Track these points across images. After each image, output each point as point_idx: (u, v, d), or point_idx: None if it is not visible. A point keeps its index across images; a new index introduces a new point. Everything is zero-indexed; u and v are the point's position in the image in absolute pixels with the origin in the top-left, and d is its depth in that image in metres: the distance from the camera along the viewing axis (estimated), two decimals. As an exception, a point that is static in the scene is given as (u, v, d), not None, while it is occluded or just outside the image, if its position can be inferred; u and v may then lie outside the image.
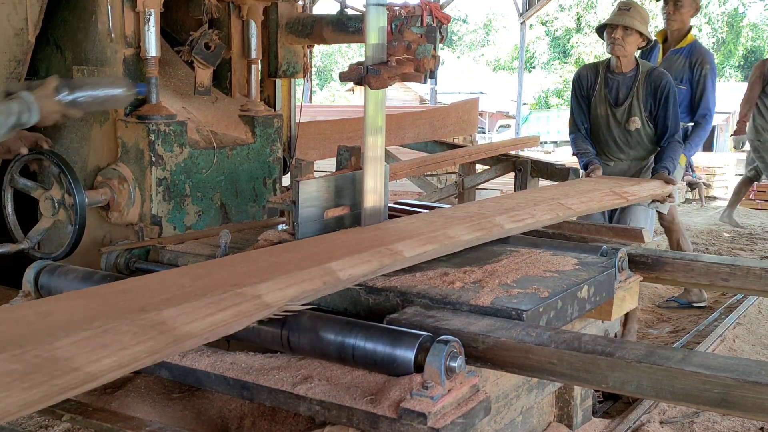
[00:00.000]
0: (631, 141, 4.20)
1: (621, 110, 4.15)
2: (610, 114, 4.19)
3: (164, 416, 2.54)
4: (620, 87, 4.14)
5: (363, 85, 2.61)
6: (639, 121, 4.12)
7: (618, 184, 3.69)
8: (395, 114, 6.87)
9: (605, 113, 4.20)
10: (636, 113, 4.11)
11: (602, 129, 4.24)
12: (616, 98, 4.16)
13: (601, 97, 4.20)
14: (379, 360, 1.85)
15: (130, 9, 2.98)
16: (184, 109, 3.30)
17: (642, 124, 4.13)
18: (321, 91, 34.81)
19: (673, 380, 1.67)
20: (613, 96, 4.17)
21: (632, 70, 4.13)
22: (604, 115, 4.21)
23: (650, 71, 4.12)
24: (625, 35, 4.02)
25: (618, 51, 4.06)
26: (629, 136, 4.18)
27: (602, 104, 4.21)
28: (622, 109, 4.14)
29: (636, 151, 4.23)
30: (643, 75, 4.10)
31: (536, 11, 16.60)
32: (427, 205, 3.75)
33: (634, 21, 4.01)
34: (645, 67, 4.16)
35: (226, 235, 2.74)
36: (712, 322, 4.58)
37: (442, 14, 2.75)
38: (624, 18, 4.02)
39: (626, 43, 4.03)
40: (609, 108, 4.18)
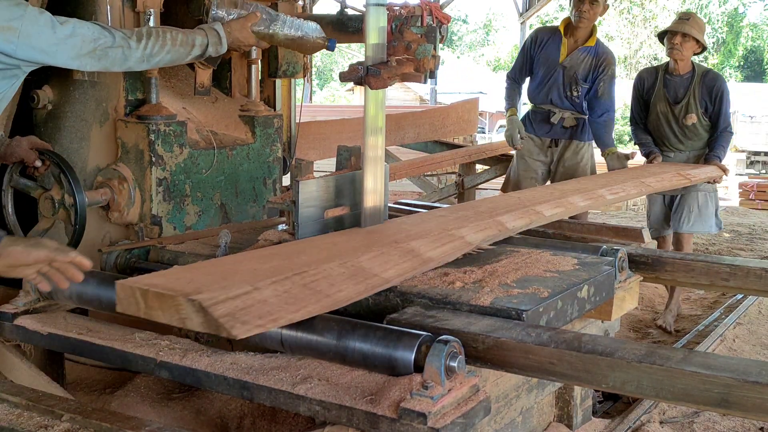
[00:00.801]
0: (688, 134, 4.70)
1: (678, 107, 4.65)
2: (669, 111, 4.69)
3: (164, 416, 2.54)
4: (678, 87, 4.66)
5: (363, 85, 2.61)
6: (695, 117, 4.63)
7: (681, 167, 4.47)
8: (395, 114, 6.87)
9: (665, 110, 4.71)
10: (692, 110, 4.63)
11: (662, 124, 4.75)
12: (674, 97, 4.67)
13: (660, 96, 4.71)
14: (379, 360, 1.85)
15: (130, 9, 2.98)
16: (184, 109, 3.30)
17: (698, 120, 4.64)
18: (321, 91, 34.80)
19: (673, 380, 1.67)
20: (671, 95, 4.68)
21: (689, 72, 4.66)
22: (663, 112, 4.71)
23: (705, 73, 4.68)
24: (683, 41, 4.54)
25: (676, 55, 4.58)
26: (686, 130, 4.69)
27: (661, 102, 4.71)
28: (680, 107, 4.65)
29: (693, 141, 4.73)
30: (699, 76, 4.64)
31: (536, 11, 16.59)
32: (427, 205, 3.75)
33: (692, 29, 4.53)
34: (700, 69, 4.71)
35: (226, 235, 2.74)
36: (712, 322, 4.58)
37: (442, 14, 2.75)
38: (683, 26, 4.54)
39: (684, 48, 4.55)
40: (668, 105, 4.69)
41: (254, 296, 1.75)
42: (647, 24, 34.39)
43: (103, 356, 2.27)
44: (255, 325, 1.68)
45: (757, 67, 38.68)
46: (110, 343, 2.22)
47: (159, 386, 2.75)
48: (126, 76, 3.03)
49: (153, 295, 1.73)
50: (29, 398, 2.01)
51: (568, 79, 4.68)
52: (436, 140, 6.89)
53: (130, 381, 2.80)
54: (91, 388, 2.85)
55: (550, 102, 4.76)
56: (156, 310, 1.73)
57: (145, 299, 1.74)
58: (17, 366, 2.46)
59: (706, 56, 41.09)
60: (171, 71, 3.45)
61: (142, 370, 2.21)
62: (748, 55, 38.86)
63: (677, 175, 4.22)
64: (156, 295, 1.72)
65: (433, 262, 2.33)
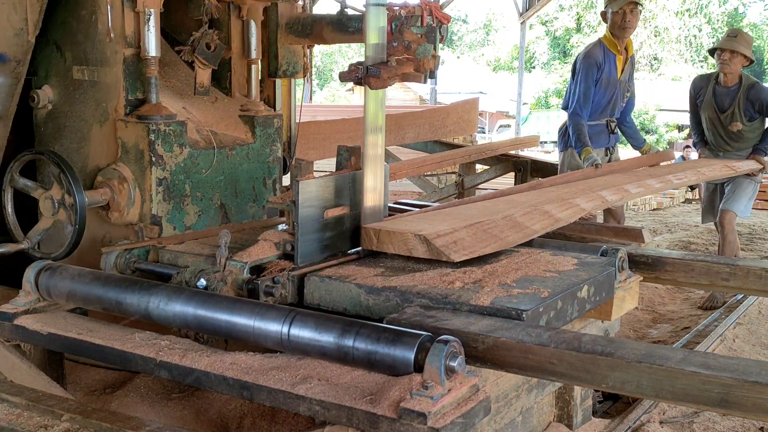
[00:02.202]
0: (734, 137, 5.26)
1: (725, 115, 5.22)
2: (716, 117, 5.27)
3: (164, 416, 2.54)
4: (724, 97, 5.21)
5: (363, 85, 2.61)
6: (740, 125, 5.20)
7: (727, 161, 5.17)
8: (395, 114, 6.86)
9: (712, 116, 5.28)
10: (737, 119, 5.19)
11: (711, 129, 5.34)
12: (721, 106, 5.23)
13: (709, 104, 5.28)
14: (379, 360, 1.85)
15: (130, 9, 2.98)
16: (184, 109, 3.30)
17: (743, 126, 5.19)
18: (321, 91, 34.79)
19: (673, 380, 1.67)
20: (718, 104, 5.24)
21: (736, 85, 5.19)
22: (711, 118, 5.29)
23: (751, 86, 5.18)
24: (731, 57, 5.07)
25: (725, 69, 5.14)
26: (733, 135, 5.26)
27: (709, 109, 5.28)
28: (725, 115, 5.22)
29: (739, 144, 5.29)
30: (744, 88, 5.16)
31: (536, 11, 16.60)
32: (427, 206, 3.74)
33: (740, 46, 5.05)
34: (747, 81, 5.20)
35: (226, 235, 2.74)
36: (712, 322, 4.57)
37: (442, 14, 2.75)
38: (731, 43, 5.08)
39: (732, 63, 5.09)
40: (715, 113, 5.26)
41: (456, 235, 2.52)
42: (647, 24, 34.37)
43: (103, 356, 2.27)
44: (463, 254, 2.42)
45: (757, 67, 38.64)
46: (110, 343, 2.22)
47: (159, 386, 2.75)
48: (126, 76, 3.02)
49: (385, 233, 2.52)
50: (29, 398, 2.01)
51: (622, 90, 5.09)
52: (436, 140, 6.89)
53: (130, 381, 2.81)
54: (91, 388, 2.85)
55: (609, 115, 5.09)
56: (387, 244, 2.51)
57: (377, 236, 2.54)
58: (17, 366, 2.45)
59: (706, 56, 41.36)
60: (171, 71, 3.45)
61: (142, 370, 2.21)
62: (748, 55, 38.80)
63: (725, 167, 4.97)
64: (386, 233, 2.52)
65: (562, 221, 3.02)
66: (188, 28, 3.32)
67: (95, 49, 3.05)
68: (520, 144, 7.84)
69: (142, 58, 3.01)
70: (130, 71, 3.03)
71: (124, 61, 3.01)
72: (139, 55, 3.02)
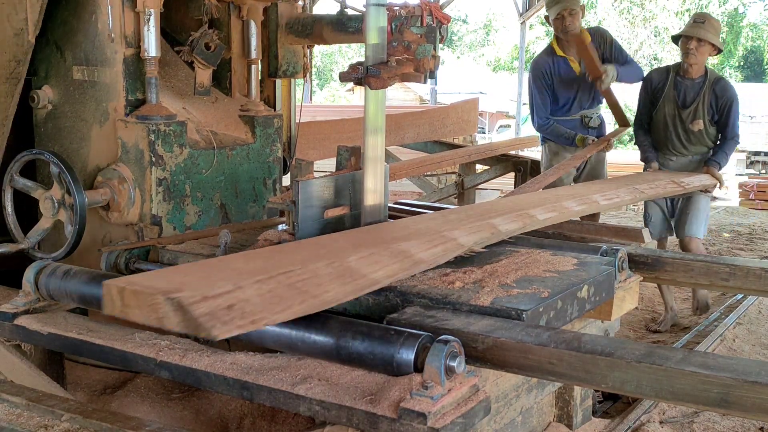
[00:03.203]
0: (692, 139, 4.58)
1: (687, 112, 4.53)
2: (676, 114, 4.57)
3: (164, 416, 2.54)
4: (688, 91, 4.54)
5: (363, 85, 2.61)
6: (702, 123, 4.51)
7: (675, 175, 4.32)
8: (395, 114, 6.86)
9: (672, 113, 4.58)
10: (700, 116, 4.51)
11: (668, 127, 4.62)
12: (683, 101, 4.55)
13: (669, 98, 4.58)
14: (379, 360, 1.85)
15: (130, 9, 2.98)
16: (184, 109, 3.30)
17: (704, 126, 4.52)
18: (321, 91, 34.79)
19: (673, 380, 1.67)
20: (680, 98, 4.55)
21: (701, 77, 4.53)
22: (671, 114, 4.59)
23: (717, 80, 4.54)
24: (698, 46, 4.40)
25: (692, 60, 4.45)
26: (692, 135, 4.56)
27: (670, 104, 4.58)
28: (688, 111, 4.53)
29: (696, 147, 4.60)
30: (710, 82, 4.51)
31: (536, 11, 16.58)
32: (427, 206, 3.75)
33: (708, 33, 4.39)
34: (713, 75, 4.57)
35: (226, 236, 2.74)
36: (712, 322, 4.57)
37: (442, 14, 2.75)
38: (699, 30, 4.40)
39: (699, 53, 4.42)
40: (676, 108, 4.56)
41: (237, 295, 1.65)
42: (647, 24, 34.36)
43: (103, 356, 2.27)
44: (236, 326, 1.59)
45: (757, 67, 38.66)
46: (110, 343, 2.22)
47: (159, 386, 2.75)
48: (126, 76, 3.03)
49: (130, 293, 1.61)
50: (29, 398, 2.01)
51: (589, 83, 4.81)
52: (436, 140, 6.89)
53: (130, 381, 2.81)
54: (91, 388, 2.85)
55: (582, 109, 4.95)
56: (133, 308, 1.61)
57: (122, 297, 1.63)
58: (17, 366, 2.46)
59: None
60: (171, 71, 3.45)
61: (142, 370, 2.21)
62: (748, 55, 38.83)
63: (671, 182, 4.15)
64: (133, 293, 1.61)
65: (424, 263, 2.22)
66: (188, 28, 3.32)
67: (95, 49, 3.05)
68: (520, 144, 7.84)
69: (142, 58, 3.01)
70: (130, 71, 3.03)
71: (124, 61, 3.01)
72: (139, 55, 3.02)
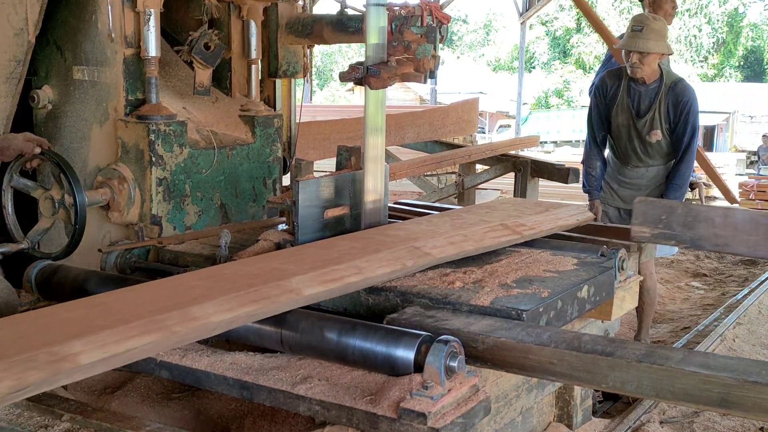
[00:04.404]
0: (650, 151, 4.13)
1: (642, 122, 4.07)
2: (632, 125, 4.11)
3: (164, 416, 2.54)
4: (643, 98, 4.06)
5: (363, 85, 2.61)
6: (660, 134, 4.06)
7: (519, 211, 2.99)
8: (395, 114, 6.86)
9: (627, 123, 4.12)
10: (657, 126, 4.05)
11: (623, 138, 4.16)
12: (638, 109, 4.08)
13: (623, 107, 4.12)
14: (379, 360, 1.85)
15: (130, 9, 2.98)
16: (184, 109, 3.30)
17: (663, 136, 4.07)
18: (321, 91, 34.80)
19: (673, 380, 1.67)
20: (635, 106, 4.09)
21: (655, 81, 4.05)
22: (625, 125, 4.13)
23: (674, 84, 4.04)
24: (642, 58, 3.93)
25: (638, 74, 3.99)
26: (650, 147, 4.12)
27: (624, 113, 4.12)
28: (644, 121, 4.07)
29: (655, 159, 4.16)
30: (667, 87, 4.02)
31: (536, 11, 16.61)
32: (427, 206, 3.75)
33: (648, 43, 3.91)
34: (669, 78, 4.07)
35: (226, 235, 2.74)
36: (712, 322, 4.58)
37: (442, 14, 2.75)
38: (638, 42, 3.92)
39: (644, 65, 3.95)
40: (631, 118, 4.10)
41: None
42: (647, 24, 34.32)
43: (103, 356, 2.26)
44: None
45: (757, 67, 38.68)
46: (110, 343, 2.22)
47: (159, 386, 2.75)
48: (126, 76, 3.02)
49: None
50: (29, 398, 2.01)
51: None
52: (436, 140, 6.89)
53: (130, 381, 2.80)
54: (91, 388, 2.84)
55: None
56: None
57: None
58: (17, 366, 2.45)
59: (706, 56, 41.33)
60: (171, 71, 3.45)
61: (142, 370, 2.21)
62: (748, 55, 38.84)
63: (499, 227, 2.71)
64: None
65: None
66: (188, 28, 3.32)
67: (95, 49, 3.05)
68: (520, 144, 7.85)
69: (142, 58, 3.01)
70: (130, 71, 3.03)
71: (124, 61, 3.01)
72: (139, 55, 3.02)
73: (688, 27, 36.10)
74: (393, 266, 2.23)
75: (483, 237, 2.59)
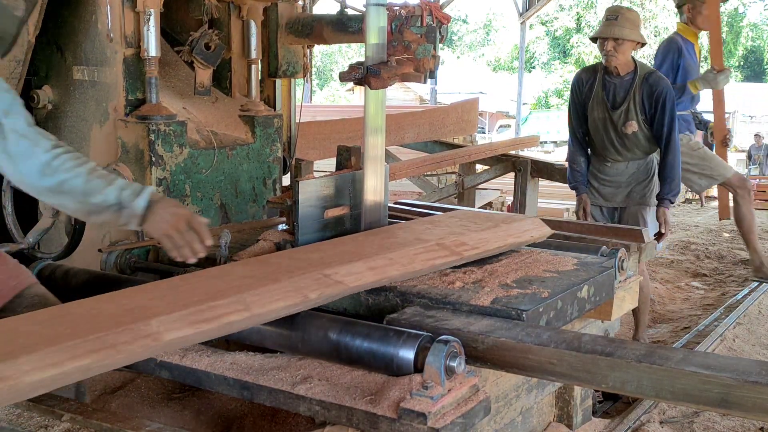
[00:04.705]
0: (628, 144, 4.15)
1: (618, 113, 4.10)
2: (607, 117, 4.14)
3: (164, 416, 2.54)
4: (617, 90, 4.10)
5: (363, 85, 2.61)
6: (636, 125, 4.08)
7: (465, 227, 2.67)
8: (395, 114, 6.87)
9: (602, 116, 4.16)
10: (633, 117, 4.07)
11: (600, 132, 4.20)
12: (613, 101, 4.12)
13: (599, 100, 4.16)
14: (378, 360, 1.85)
15: (130, 9, 2.98)
16: (184, 109, 3.30)
17: (639, 128, 4.09)
18: (321, 91, 34.80)
19: (673, 380, 1.67)
20: (610, 99, 4.13)
21: (630, 73, 4.09)
22: (600, 118, 4.17)
23: (648, 74, 4.08)
24: (617, 46, 3.99)
25: (613, 62, 4.04)
26: (626, 139, 4.14)
27: (599, 107, 4.16)
28: (619, 113, 4.10)
29: (633, 153, 4.18)
30: (641, 78, 4.06)
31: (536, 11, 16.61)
32: (427, 205, 3.75)
33: (624, 30, 3.98)
34: (643, 69, 4.11)
35: (226, 235, 2.74)
36: (712, 322, 4.58)
37: (442, 14, 2.75)
38: (613, 30, 3.99)
39: (619, 53, 4.01)
40: (606, 111, 4.14)
41: None
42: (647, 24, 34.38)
43: (103, 356, 2.25)
44: None
45: (757, 67, 38.68)
46: (110, 343, 2.21)
47: (159, 386, 2.75)
48: (126, 76, 3.02)
49: None
50: (29, 398, 2.01)
51: None
52: (436, 140, 6.89)
53: (130, 381, 2.80)
54: (91, 388, 2.84)
55: None
56: None
57: None
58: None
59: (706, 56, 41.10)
60: (171, 71, 3.45)
61: (142, 370, 2.21)
62: (748, 55, 38.85)
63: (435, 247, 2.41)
64: None
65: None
66: (188, 28, 3.32)
67: (95, 49, 3.05)
68: (520, 144, 7.86)
69: (142, 58, 3.01)
70: (130, 71, 3.03)
71: (124, 61, 3.01)
72: (139, 55, 3.02)
73: (688, 27, 36.05)
74: (291, 299, 1.93)
75: (413, 260, 2.29)
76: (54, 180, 1.98)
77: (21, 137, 1.98)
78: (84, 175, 1.99)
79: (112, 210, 1.98)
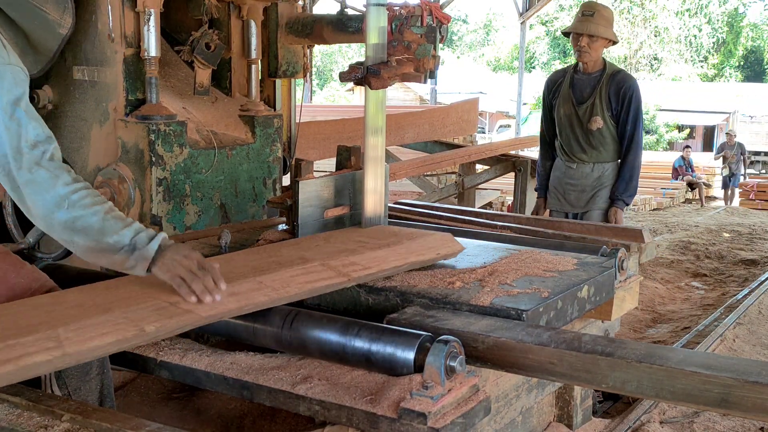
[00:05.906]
0: (593, 141, 4.14)
1: (583, 108, 4.12)
2: (573, 113, 4.16)
3: (164, 416, 2.54)
4: (584, 86, 4.15)
5: (363, 85, 2.61)
6: (601, 120, 4.08)
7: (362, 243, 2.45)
8: (395, 114, 6.87)
9: (569, 112, 4.18)
10: (598, 113, 4.08)
11: (566, 128, 4.21)
12: (579, 97, 4.15)
13: (566, 96, 4.19)
14: (379, 360, 1.85)
15: (130, 9, 2.98)
16: (184, 109, 3.30)
17: (605, 124, 4.09)
18: (321, 91, 34.79)
19: (673, 380, 1.67)
20: (576, 95, 4.16)
21: (598, 71, 4.14)
22: (567, 114, 4.19)
23: (616, 72, 4.13)
24: (590, 42, 4.03)
25: (585, 58, 4.09)
26: (591, 137, 4.13)
27: (566, 103, 4.19)
28: (585, 107, 4.12)
29: (598, 151, 4.15)
30: (608, 75, 4.10)
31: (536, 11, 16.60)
32: (427, 205, 3.75)
33: (599, 28, 4.02)
34: (611, 68, 4.16)
35: (226, 235, 2.74)
36: (712, 322, 4.58)
37: (442, 14, 2.75)
38: (588, 26, 4.02)
39: (592, 49, 4.05)
40: (573, 107, 4.16)
41: None
42: (647, 24, 34.40)
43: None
44: None
45: (757, 67, 38.70)
46: (110, 343, 2.21)
47: (159, 386, 2.75)
48: (126, 76, 3.02)
49: None
50: (29, 398, 2.01)
51: None
52: (436, 140, 6.89)
53: (130, 381, 2.80)
54: (91, 388, 2.84)
55: None
56: None
57: None
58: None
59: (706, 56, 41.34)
60: (171, 71, 3.45)
61: (142, 370, 2.21)
62: (748, 55, 38.86)
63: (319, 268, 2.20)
64: None
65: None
66: (188, 28, 3.32)
67: (95, 49, 3.05)
68: (520, 144, 7.85)
69: (142, 58, 3.01)
70: (130, 71, 3.03)
71: (124, 61, 3.01)
72: (139, 55, 3.02)
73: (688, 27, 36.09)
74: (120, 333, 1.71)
75: (288, 283, 2.06)
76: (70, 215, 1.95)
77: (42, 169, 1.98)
78: (101, 213, 1.97)
79: (124, 251, 1.95)
